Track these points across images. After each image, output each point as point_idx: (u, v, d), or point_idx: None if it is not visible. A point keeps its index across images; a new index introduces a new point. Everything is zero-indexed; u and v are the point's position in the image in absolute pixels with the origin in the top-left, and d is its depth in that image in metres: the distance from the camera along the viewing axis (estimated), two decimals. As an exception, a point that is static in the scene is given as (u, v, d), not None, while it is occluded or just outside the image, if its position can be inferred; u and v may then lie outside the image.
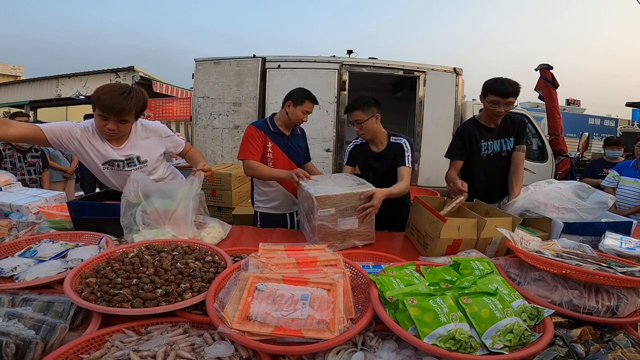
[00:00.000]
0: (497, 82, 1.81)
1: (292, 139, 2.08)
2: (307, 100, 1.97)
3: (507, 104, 1.81)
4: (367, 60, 4.08)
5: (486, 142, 1.95)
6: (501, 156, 1.97)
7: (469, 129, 1.97)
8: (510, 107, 1.84)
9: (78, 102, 9.38)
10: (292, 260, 1.08)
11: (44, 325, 0.79)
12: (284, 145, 2.03)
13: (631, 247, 1.32)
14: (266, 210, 2.10)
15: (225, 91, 3.89)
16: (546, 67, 3.67)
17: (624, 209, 3.03)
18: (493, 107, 1.83)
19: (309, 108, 1.99)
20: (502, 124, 1.95)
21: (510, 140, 1.96)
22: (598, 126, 12.26)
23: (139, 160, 1.64)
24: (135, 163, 1.63)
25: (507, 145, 1.96)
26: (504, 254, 1.42)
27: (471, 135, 1.94)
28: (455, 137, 2.05)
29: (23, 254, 1.22)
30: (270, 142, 1.99)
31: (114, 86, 1.47)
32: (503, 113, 1.84)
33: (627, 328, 0.93)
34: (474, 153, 1.96)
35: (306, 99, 1.97)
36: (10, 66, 16.76)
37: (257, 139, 1.95)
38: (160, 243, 1.26)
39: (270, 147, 1.98)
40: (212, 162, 3.95)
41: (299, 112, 1.97)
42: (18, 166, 3.26)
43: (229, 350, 0.77)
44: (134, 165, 1.63)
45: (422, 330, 0.79)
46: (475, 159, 1.96)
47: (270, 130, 2.00)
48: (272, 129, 2.01)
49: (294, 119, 1.99)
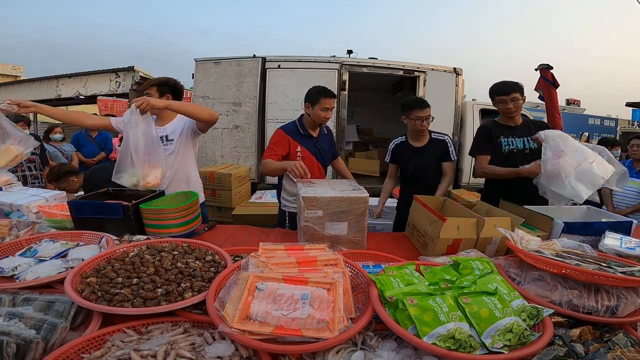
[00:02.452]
0: (497, 84, 1.99)
1: (319, 140, 2.10)
2: (322, 97, 1.95)
3: (513, 99, 1.94)
4: (367, 60, 4.08)
5: (506, 138, 2.02)
6: (525, 154, 1.99)
7: (487, 125, 2.07)
8: (519, 102, 1.96)
9: (78, 102, 9.38)
10: (292, 259, 1.08)
11: (44, 324, 0.79)
12: (312, 147, 2.05)
13: (631, 247, 1.32)
14: (294, 210, 2.07)
15: (225, 91, 3.89)
16: (546, 67, 3.66)
17: (622, 209, 3.03)
18: (503, 107, 1.97)
19: (327, 104, 1.97)
20: (523, 124, 2.04)
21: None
22: (598, 126, 12.26)
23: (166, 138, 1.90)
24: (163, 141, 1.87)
25: (530, 144, 2.00)
26: (503, 254, 1.42)
27: (490, 131, 2.03)
28: (476, 135, 2.15)
29: (23, 254, 1.22)
30: (299, 145, 2.00)
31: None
32: (514, 109, 1.96)
33: (626, 328, 0.93)
34: (495, 150, 2.01)
35: (321, 96, 1.95)
36: (10, 66, 16.75)
37: (281, 141, 1.97)
38: (161, 243, 1.26)
39: (299, 150, 1.99)
40: (212, 162, 3.95)
41: (319, 111, 1.97)
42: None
43: (229, 349, 0.77)
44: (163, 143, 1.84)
45: (421, 330, 0.80)
46: (497, 156, 2.01)
47: (300, 133, 2.02)
48: (302, 131, 2.03)
49: (316, 119, 2.00)
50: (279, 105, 3.80)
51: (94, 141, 4.74)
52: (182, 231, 1.56)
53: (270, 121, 3.82)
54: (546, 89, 3.61)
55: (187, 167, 2.02)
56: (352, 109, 5.81)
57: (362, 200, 1.43)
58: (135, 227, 1.52)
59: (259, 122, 3.84)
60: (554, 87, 3.71)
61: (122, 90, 8.50)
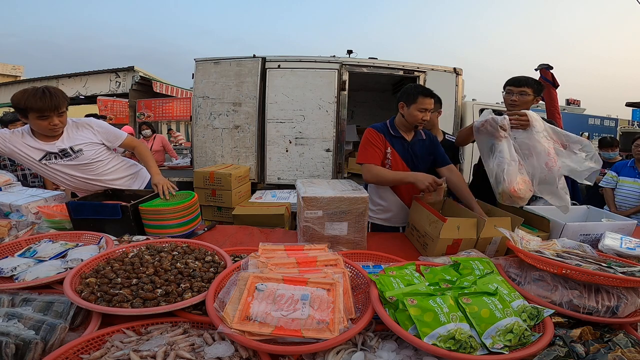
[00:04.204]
0: (514, 76, 1.90)
1: (414, 145, 1.87)
2: (420, 97, 1.74)
3: (521, 93, 1.83)
4: (367, 60, 4.07)
5: None
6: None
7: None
8: (525, 98, 1.84)
9: (78, 102, 9.38)
10: (292, 260, 1.08)
11: (43, 325, 0.79)
12: (403, 151, 1.85)
13: (631, 247, 1.32)
14: (379, 222, 1.98)
15: (225, 91, 3.88)
16: (546, 67, 3.66)
17: (624, 209, 3.02)
18: (508, 96, 1.87)
19: (425, 105, 1.75)
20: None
21: None
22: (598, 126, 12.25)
23: (72, 150, 1.76)
24: (70, 153, 1.75)
25: None
26: (504, 254, 1.42)
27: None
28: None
29: (23, 254, 1.22)
30: (390, 147, 1.83)
31: (32, 90, 1.57)
32: (517, 102, 1.84)
33: (627, 328, 0.93)
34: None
35: (419, 95, 1.75)
36: (10, 66, 16.74)
37: (378, 142, 1.81)
38: (160, 243, 1.26)
39: (389, 152, 1.83)
40: (212, 162, 3.95)
41: (415, 112, 1.76)
42: (17, 162, 3.27)
43: (229, 350, 0.77)
44: (70, 156, 1.76)
45: (422, 330, 0.79)
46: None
47: (391, 133, 1.85)
48: (393, 132, 1.85)
49: (411, 120, 1.79)
50: (279, 105, 3.80)
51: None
52: (181, 231, 1.56)
53: (270, 121, 3.81)
54: (546, 89, 3.61)
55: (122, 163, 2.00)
56: (352, 109, 5.81)
57: (362, 201, 1.43)
58: (135, 227, 1.51)
59: (259, 122, 3.83)
60: (554, 87, 3.71)
61: (122, 90, 8.50)
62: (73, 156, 1.76)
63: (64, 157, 1.75)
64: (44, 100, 1.54)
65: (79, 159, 1.77)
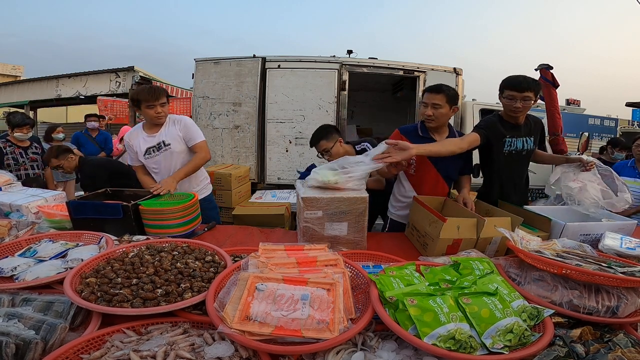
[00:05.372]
0: (513, 77, 1.78)
1: None
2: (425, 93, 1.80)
3: (525, 99, 1.74)
4: (367, 60, 4.07)
5: (511, 138, 1.87)
6: (522, 155, 1.91)
7: (494, 120, 1.88)
8: (529, 103, 1.76)
9: (78, 102, 9.39)
10: (292, 260, 1.08)
11: (44, 325, 0.79)
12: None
13: (631, 247, 1.32)
14: (397, 218, 2.00)
15: (225, 91, 3.88)
16: (546, 67, 3.66)
17: (626, 209, 3.02)
18: (510, 103, 1.77)
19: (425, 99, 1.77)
20: (525, 122, 1.90)
21: (530, 140, 1.91)
22: (598, 126, 12.23)
23: (164, 143, 2.00)
24: (162, 146, 2.00)
25: (528, 145, 1.90)
26: (504, 254, 1.42)
27: (496, 127, 1.84)
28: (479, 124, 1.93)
29: (23, 254, 1.22)
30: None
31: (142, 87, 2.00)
32: (521, 109, 1.77)
33: (627, 328, 0.93)
34: (497, 148, 1.86)
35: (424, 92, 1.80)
36: (10, 66, 16.75)
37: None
38: (160, 243, 1.26)
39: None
40: (212, 162, 3.94)
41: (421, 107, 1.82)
42: (21, 161, 3.28)
43: (229, 350, 0.77)
44: (161, 149, 2.00)
45: (422, 330, 0.79)
46: (498, 154, 1.87)
47: (419, 135, 1.84)
48: (422, 134, 1.84)
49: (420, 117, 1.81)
50: (279, 105, 3.80)
51: (94, 141, 4.73)
52: (181, 231, 1.56)
53: (270, 121, 3.81)
54: (546, 89, 3.60)
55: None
56: (352, 109, 5.80)
57: (361, 201, 1.42)
58: (135, 227, 1.52)
59: (259, 122, 3.83)
60: (554, 87, 3.70)
61: (122, 90, 8.51)
62: (164, 149, 2.00)
63: (158, 149, 2.00)
64: (150, 93, 1.91)
65: (167, 151, 2.00)
